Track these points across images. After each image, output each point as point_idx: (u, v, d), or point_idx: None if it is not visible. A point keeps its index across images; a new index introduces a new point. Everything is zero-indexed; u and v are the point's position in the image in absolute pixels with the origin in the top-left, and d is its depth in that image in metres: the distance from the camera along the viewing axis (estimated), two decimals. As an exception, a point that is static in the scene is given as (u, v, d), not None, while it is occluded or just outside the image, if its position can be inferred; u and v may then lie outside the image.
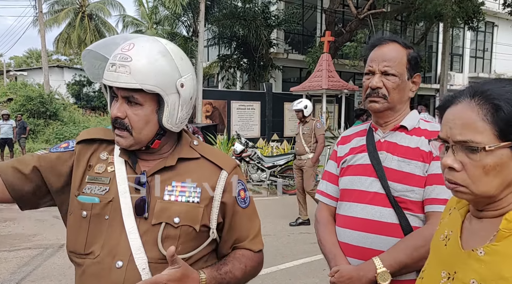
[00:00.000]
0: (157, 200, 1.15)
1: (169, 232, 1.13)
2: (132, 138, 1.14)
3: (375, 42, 1.48)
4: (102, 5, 27.53)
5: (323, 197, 1.61)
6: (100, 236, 1.14)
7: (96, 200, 1.15)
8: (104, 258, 1.12)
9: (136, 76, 1.08)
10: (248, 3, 16.38)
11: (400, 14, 17.14)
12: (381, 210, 1.39)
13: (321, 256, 4.88)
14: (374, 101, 1.45)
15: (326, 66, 12.21)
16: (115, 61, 1.10)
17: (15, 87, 26.40)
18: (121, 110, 1.12)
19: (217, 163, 1.23)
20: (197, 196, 1.17)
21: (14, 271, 4.38)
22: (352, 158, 1.51)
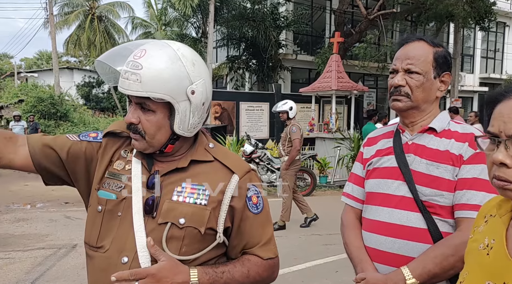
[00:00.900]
0: (165, 200, 1.16)
1: (174, 232, 1.14)
2: (145, 142, 1.17)
3: (401, 41, 1.46)
4: (112, 7, 27.72)
5: (349, 199, 1.58)
6: (112, 231, 1.17)
7: (113, 197, 1.19)
8: (112, 253, 1.15)
9: (146, 85, 1.09)
10: (257, 4, 16.38)
11: (410, 14, 17.01)
12: (409, 215, 1.36)
13: (334, 257, 4.87)
14: (397, 100, 1.42)
15: (335, 67, 12.16)
16: (127, 69, 1.12)
17: (26, 88, 26.65)
18: (134, 116, 1.15)
19: (229, 166, 1.22)
20: (205, 198, 1.17)
21: (28, 271, 4.42)
22: (379, 160, 1.48)
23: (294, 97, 14.56)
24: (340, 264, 4.56)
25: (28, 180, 10.92)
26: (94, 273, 1.20)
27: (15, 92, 27.80)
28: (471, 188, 1.30)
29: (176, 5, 15.57)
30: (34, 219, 6.73)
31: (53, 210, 7.49)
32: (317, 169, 10.26)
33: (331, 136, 11.73)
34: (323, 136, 12.22)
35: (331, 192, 9.60)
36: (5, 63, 47.32)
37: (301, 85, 15.96)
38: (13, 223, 6.50)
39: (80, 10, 26.66)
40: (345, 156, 10.27)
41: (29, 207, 7.75)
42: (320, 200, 8.75)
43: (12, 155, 1.22)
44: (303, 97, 13.71)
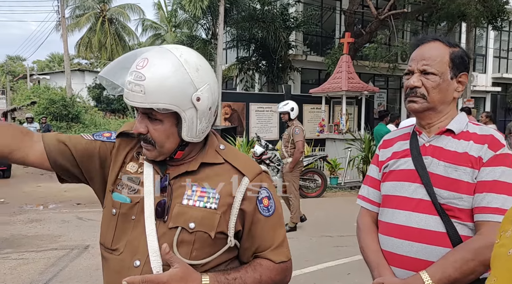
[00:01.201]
0: (176, 204, 1.16)
1: (184, 236, 1.14)
2: (156, 151, 1.17)
3: (417, 42, 1.44)
4: (122, 10, 27.97)
5: (364, 202, 1.56)
6: (126, 234, 1.18)
7: (127, 200, 1.19)
8: (126, 256, 1.16)
9: (149, 96, 1.08)
10: (267, 6, 16.37)
11: (421, 14, 16.86)
12: (427, 218, 1.33)
13: (345, 259, 4.84)
14: (413, 101, 1.40)
15: (345, 67, 12.11)
16: (131, 80, 1.11)
17: (38, 90, 27.01)
18: (142, 126, 1.15)
19: (240, 168, 1.20)
20: (215, 202, 1.16)
21: (42, 272, 4.46)
22: (395, 163, 1.45)
23: (304, 98, 14.59)
24: (352, 266, 4.53)
25: (41, 181, 11.05)
26: (109, 275, 1.20)
27: (28, 95, 28.20)
28: (491, 191, 1.28)
29: (186, 7, 15.61)
30: (47, 220, 6.80)
31: (65, 211, 7.56)
32: (328, 170, 10.22)
33: (342, 137, 11.67)
34: (334, 137, 12.17)
35: (341, 193, 9.55)
36: (18, 65, 48.00)
37: (311, 86, 15.91)
38: (27, 223, 6.57)
39: (91, 12, 26.95)
40: (355, 157, 10.22)
41: (42, 208, 7.84)
42: (331, 201, 8.71)
43: (28, 149, 1.22)
44: (313, 98, 13.67)
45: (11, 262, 4.80)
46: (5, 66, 42.65)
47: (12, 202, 8.26)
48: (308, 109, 14.82)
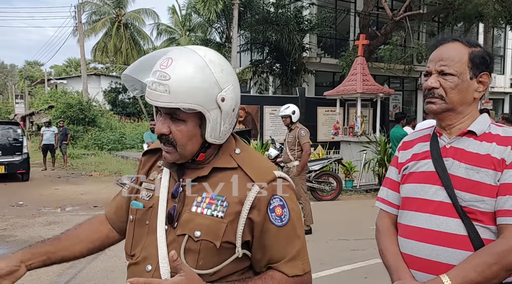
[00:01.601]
0: (186, 211, 1.15)
1: (191, 245, 1.12)
2: (177, 153, 1.14)
3: (435, 43, 1.42)
4: (137, 14, 28.34)
5: (383, 204, 1.54)
6: (142, 240, 1.20)
7: (140, 205, 1.22)
8: (141, 261, 1.18)
9: (175, 96, 1.06)
10: (281, 8, 16.38)
11: (437, 15, 16.65)
12: (448, 221, 1.31)
13: (362, 263, 4.79)
14: (431, 102, 1.39)
15: (360, 69, 12.03)
16: (154, 79, 1.08)
17: (56, 95, 27.52)
18: (165, 127, 1.12)
19: (250, 175, 1.14)
20: (222, 210, 1.12)
21: (60, 273, 4.52)
22: (415, 165, 1.43)
23: (319, 100, 14.54)
24: (369, 270, 4.48)
25: (58, 184, 11.23)
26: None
27: (45, 99, 28.75)
28: None
29: (201, 10, 15.76)
30: (65, 222, 6.90)
31: (82, 213, 7.66)
32: (343, 173, 10.15)
33: (357, 140, 11.58)
34: (348, 140, 12.08)
35: (357, 196, 9.47)
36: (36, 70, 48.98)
37: (325, 88, 15.85)
38: (45, 226, 6.68)
39: (107, 18, 27.36)
40: (371, 160, 10.12)
41: (60, 210, 7.96)
42: (346, 204, 8.64)
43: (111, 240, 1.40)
44: (327, 100, 13.61)
45: (30, 263, 4.87)
46: (24, 71, 43.57)
47: (31, 205, 8.41)
48: (322, 112, 14.75)
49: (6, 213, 7.67)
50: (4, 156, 11.28)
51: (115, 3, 27.50)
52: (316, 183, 8.72)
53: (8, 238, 6.00)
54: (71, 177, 12.67)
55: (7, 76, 63.93)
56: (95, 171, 13.57)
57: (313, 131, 14.49)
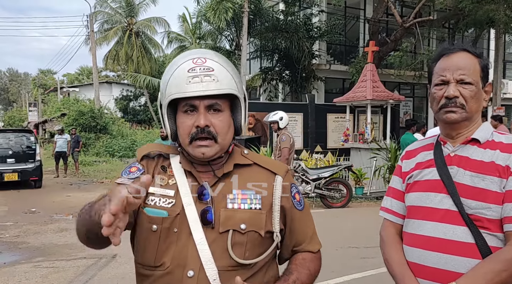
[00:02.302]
0: (221, 209, 1.17)
1: (237, 238, 1.16)
2: (217, 146, 1.18)
3: (444, 51, 1.42)
4: (148, 23, 28.65)
5: (388, 214, 1.54)
6: (170, 248, 1.16)
7: (165, 214, 1.17)
8: (174, 269, 1.15)
9: (223, 83, 1.15)
10: (290, 16, 16.45)
11: (448, 21, 16.58)
12: (455, 229, 1.31)
13: (372, 271, 4.74)
14: (452, 112, 1.36)
15: (370, 76, 11.99)
16: (196, 74, 1.14)
17: (68, 103, 27.89)
18: (207, 120, 1.16)
19: (270, 168, 1.26)
20: (258, 202, 1.20)
21: (71, 280, 4.56)
22: (419, 173, 1.44)
23: (328, 107, 14.51)
24: (380, 278, 4.44)
25: (70, 191, 11.35)
26: None
27: (58, 107, 29.14)
28: None
29: (211, 19, 15.88)
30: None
31: (93, 220, 7.71)
32: (353, 179, 10.09)
33: (367, 147, 11.52)
34: (358, 147, 12.02)
35: (367, 204, 9.40)
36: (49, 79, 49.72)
37: (335, 95, 15.83)
38: (57, 232, 6.75)
39: (118, 26, 27.71)
40: (381, 167, 10.05)
41: (71, 217, 8.03)
42: (356, 211, 8.59)
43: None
44: (337, 107, 13.58)
45: (42, 270, 4.93)
46: (37, 80, 44.26)
47: (43, 212, 8.51)
48: (332, 119, 14.72)
49: (19, 219, 7.77)
50: (17, 163, 11.45)
51: (127, 12, 27.86)
52: (326, 190, 8.68)
53: (21, 245, 6.07)
54: (82, 184, 12.80)
55: (21, 84, 65.03)
56: (106, 178, 13.69)
57: (323, 138, 14.48)
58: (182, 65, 1.16)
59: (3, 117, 46.31)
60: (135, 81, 25.96)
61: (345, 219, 7.69)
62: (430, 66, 1.46)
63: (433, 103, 1.42)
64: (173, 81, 1.16)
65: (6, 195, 10.51)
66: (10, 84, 67.72)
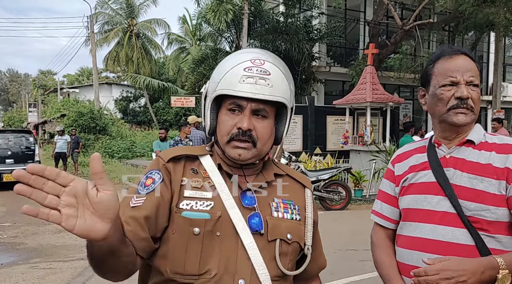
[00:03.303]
0: (266, 216, 1.14)
1: (283, 248, 1.14)
2: (255, 150, 1.14)
3: (445, 53, 1.40)
4: (149, 24, 28.67)
5: (378, 217, 1.54)
6: (214, 253, 1.09)
7: (207, 216, 1.10)
8: (223, 277, 1.07)
9: (278, 90, 1.12)
10: (290, 18, 16.47)
11: (448, 24, 16.59)
12: (453, 231, 1.30)
13: (371, 274, 4.73)
14: (463, 113, 1.34)
15: (370, 78, 12.00)
16: (252, 74, 1.10)
17: (68, 103, 27.87)
18: (251, 123, 1.12)
19: (300, 181, 1.26)
20: (297, 213, 1.20)
21: (68, 281, 4.54)
22: (414, 176, 1.43)
23: (328, 109, 14.51)
24: (378, 281, 4.41)
25: (69, 191, 11.30)
26: None
27: (58, 108, 29.13)
28: None
29: (211, 20, 15.89)
30: (74, 230, 6.94)
31: (92, 221, 7.70)
32: (352, 182, 10.08)
33: (366, 149, 11.52)
34: (358, 149, 12.02)
35: (366, 206, 9.38)
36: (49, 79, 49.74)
37: (334, 97, 15.83)
38: (55, 234, 6.73)
39: (119, 28, 27.72)
40: (381, 169, 10.04)
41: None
42: (355, 213, 8.57)
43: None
44: (337, 109, 13.58)
45: (39, 271, 4.91)
46: (37, 80, 44.28)
47: (42, 212, 8.47)
48: (332, 121, 14.72)
49: (17, 220, 7.75)
50: (16, 164, 11.45)
51: (127, 14, 27.88)
52: (325, 192, 8.67)
53: (18, 246, 6.06)
54: (81, 184, 12.76)
55: (21, 85, 65.06)
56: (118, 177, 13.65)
57: (322, 140, 14.48)
58: (242, 63, 1.12)
59: (3, 118, 46.31)
60: (135, 82, 25.98)
61: (344, 221, 7.68)
62: (427, 68, 1.44)
63: (439, 104, 1.38)
64: (228, 76, 1.12)
65: (4, 196, 10.48)
66: (10, 85, 67.76)
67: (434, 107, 1.40)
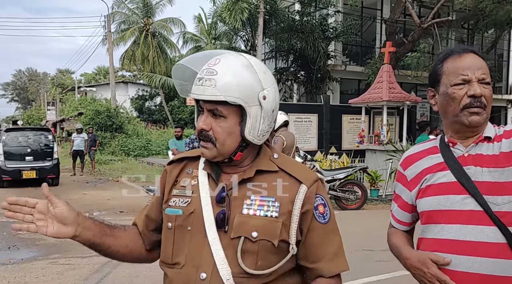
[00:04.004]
0: (236, 214, 1.15)
1: (248, 246, 1.13)
2: (215, 150, 1.17)
3: (453, 52, 1.38)
4: (165, 23, 28.86)
5: (392, 219, 1.58)
6: (184, 246, 1.18)
7: (179, 212, 1.20)
8: (189, 269, 1.15)
9: (220, 89, 1.11)
10: (306, 16, 16.39)
11: (467, 22, 16.30)
12: (483, 229, 1.27)
13: (387, 275, 4.67)
14: (476, 113, 1.31)
15: (386, 77, 11.87)
16: (202, 76, 1.14)
17: (85, 102, 28.31)
18: (206, 123, 1.16)
19: (296, 176, 1.20)
20: (275, 210, 1.16)
21: (86, 277, 4.61)
22: (431, 177, 1.39)
23: (343, 108, 14.40)
24: (395, 282, 4.38)
25: (86, 189, 11.49)
26: None
27: (75, 106, 29.60)
28: None
29: (226, 19, 15.91)
30: (92, 226, 7.04)
31: (109, 218, 7.79)
32: (368, 181, 9.99)
33: (382, 149, 11.40)
34: (374, 149, 11.91)
35: (382, 206, 9.29)
36: (67, 78, 50.53)
37: (350, 96, 15.71)
38: (73, 230, 6.83)
39: (135, 27, 27.97)
40: (397, 169, 9.93)
41: (87, 215, 8.11)
42: (371, 213, 8.49)
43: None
44: (352, 108, 13.48)
45: (58, 267, 5.00)
46: (56, 79, 45.03)
47: (60, 209, 8.61)
48: (347, 120, 14.60)
49: (36, 216, 7.89)
50: (35, 161, 11.65)
51: (144, 13, 28.12)
52: (340, 191, 8.62)
53: (38, 242, 6.17)
54: (98, 182, 12.95)
55: (40, 84, 66.26)
56: (121, 176, 13.82)
57: (337, 140, 14.38)
58: (205, 64, 1.18)
59: (22, 116, 47.24)
60: (150, 81, 26.19)
61: (360, 221, 7.62)
62: (436, 67, 1.41)
63: (452, 104, 1.35)
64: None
65: (24, 192, 10.69)
66: (29, 84, 69.07)
67: (446, 107, 1.37)
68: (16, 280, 4.56)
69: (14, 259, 5.34)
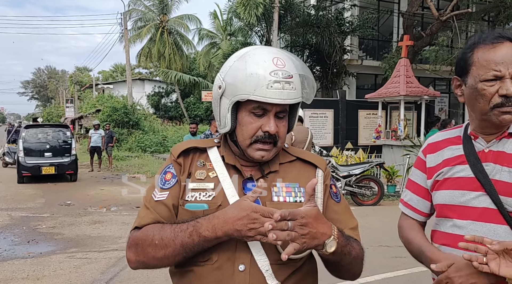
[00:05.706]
0: (266, 202, 1.16)
1: None
2: (275, 149, 1.20)
3: (487, 40, 1.24)
4: (180, 20, 28.99)
5: (405, 208, 1.49)
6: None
7: (205, 206, 1.16)
8: (223, 263, 1.13)
9: (298, 92, 1.17)
10: (322, 11, 16.23)
11: (487, 14, 15.89)
12: (495, 228, 1.23)
13: (404, 271, 4.60)
14: (508, 112, 1.20)
15: (404, 71, 11.66)
16: (278, 79, 1.12)
17: (103, 99, 28.64)
18: (275, 126, 1.16)
19: (312, 161, 1.27)
20: (302, 195, 1.19)
21: (103, 271, 4.66)
22: (450, 170, 1.34)
23: (360, 103, 14.25)
24: (412, 278, 4.31)
25: (103, 185, 11.64)
26: None
27: (93, 103, 30.01)
28: None
29: (241, 14, 15.87)
30: (109, 221, 7.13)
31: (125, 213, 7.89)
32: (385, 177, 9.86)
33: (400, 144, 11.24)
34: (391, 144, 11.74)
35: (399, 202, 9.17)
36: (85, 76, 51.27)
37: (366, 91, 15.51)
38: (90, 225, 6.93)
39: (151, 24, 28.17)
40: (415, 164, 9.78)
41: (105, 210, 8.23)
42: (388, 209, 8.38)
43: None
44: (369, 103, 13.31)
45: (76, 261, 5.07)
46: (74, 77, 45.72)
47: (78, 204, 8.77)
48: (363, 115, 14.44)
49: (55, 211, 8.04)
50: (54, 157, 11.87)
51: (160, 10, 28.28)
52: (356, 187, 8.53)
53: (56, 236, 6.28)
54: (115, 178, 13.11)
55: (59, 81, 67.43)
56: (138, 172, 13.97)
57: (354, 135, 14.24)
58: (264, 65, 1.13)
59: (42, 113, 48.18)
60: (166, 78, 26.35)
61: (376, 217, 7.53)
62: (466, 55, 1.29)
63: (480, 101, 1.25)
64: (253, 80, 1.12)
65: (43, 188, 10.91)
66: (49, 82, 70.36)
67: (474, 103, 1.28)
68: (35, 273, 4.65)
69: (33, 252, 5.44)
